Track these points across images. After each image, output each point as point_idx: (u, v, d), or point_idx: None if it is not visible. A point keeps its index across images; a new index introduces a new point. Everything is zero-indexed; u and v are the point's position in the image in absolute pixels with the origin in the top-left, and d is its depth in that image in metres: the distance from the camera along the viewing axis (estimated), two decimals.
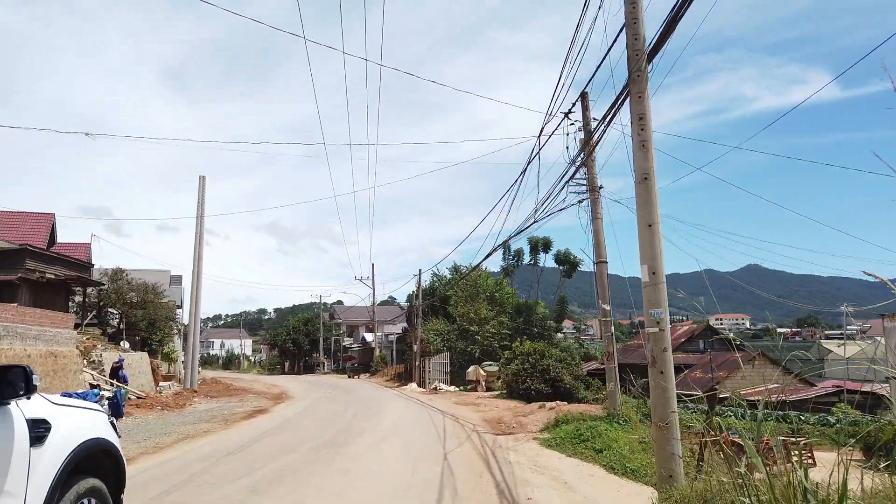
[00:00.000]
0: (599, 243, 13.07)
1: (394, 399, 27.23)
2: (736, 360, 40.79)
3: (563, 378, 25.23)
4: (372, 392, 33.67)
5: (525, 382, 25.23)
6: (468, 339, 38.56)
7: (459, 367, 37.88)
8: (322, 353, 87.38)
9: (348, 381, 53.84)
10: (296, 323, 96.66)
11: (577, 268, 41.07)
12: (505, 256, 41.82)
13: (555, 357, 26.20)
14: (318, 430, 15.10)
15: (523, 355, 26.42)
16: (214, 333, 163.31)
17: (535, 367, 25.57)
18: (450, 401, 25.09)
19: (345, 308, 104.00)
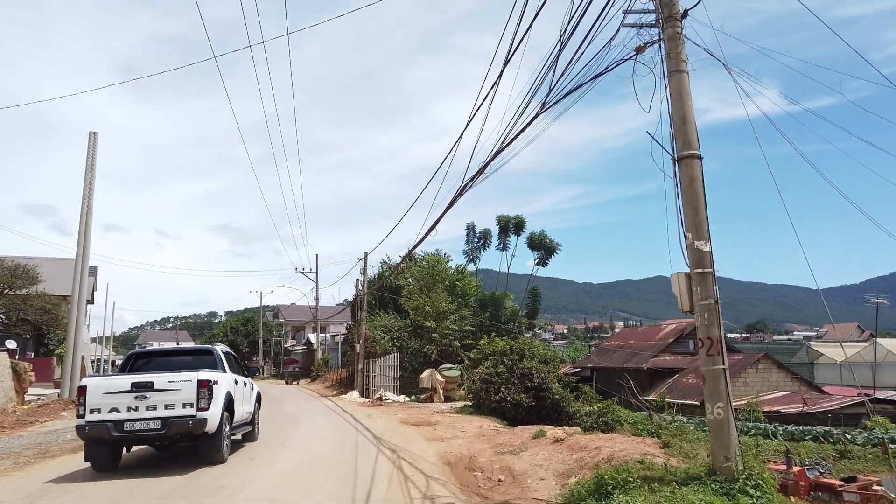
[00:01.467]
0: (685, 117, 6.39)
1: (320, 416, 20.10)
2: (736, 362, 34.94)
3: (551, 386, 18.57)
4: (300, 404, 26.44)
5: (499, 392, 18.46)
6: (423, 338, 31.69)
7: (412, 371, 30.93)
8: (261, 357, 79.15)
9: (283, 388, 46.49)
10: (233, 323, 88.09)
11: (553, 254, 34.71)
12: (469, 238, 35.15)
13: (539, 357, 19.53)
14: (147, 487, 7.95)
15: (496, 355, 19.67)
16: (152, 336, 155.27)
17: (512, 370, 18.85)
18: (395, 418, 18.12)
19: (291, 307, 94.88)
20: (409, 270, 35.55)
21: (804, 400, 27.19)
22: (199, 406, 9.48)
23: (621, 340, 45.82)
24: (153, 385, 9.45)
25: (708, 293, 6.36)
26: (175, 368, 10.51)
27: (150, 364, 11.13)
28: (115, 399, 9.34)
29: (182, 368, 10.42)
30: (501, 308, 34.63)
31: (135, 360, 11.25)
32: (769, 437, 21.21)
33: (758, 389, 33.36)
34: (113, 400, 9.33)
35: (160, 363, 11.16)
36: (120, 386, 9.44)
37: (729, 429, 6.32)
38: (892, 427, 25.44)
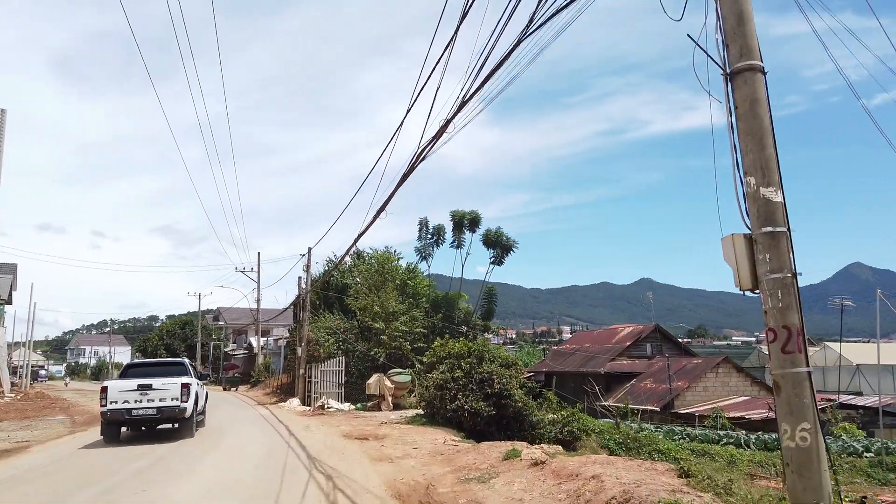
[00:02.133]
0: (741, 14, 4.43)
1: (251, 427, 17.56)
2: (696, 366, 33.83)
3: (513, 392, 16.57)
4: (231, 413, 23.74)
5: (455, 399, 16.34)
6: (371, 340, 29.33)
7: (358, 376, 28.53)
8: (200, 361, 74.96)
9: (220, 395, 43.25)
10: (170, 326, 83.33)
11: (509, 252, 32.84)
12: (421, 235, 32.94)
13: (500, 360, 17.51)
14: None
15: (452, 359, 17.55)
16: (85, 340, 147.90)
17: (470, 375, 16.76)
18: (337, 430, 15.77)
19: (232, 310, 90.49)
20: (357, 269, 33.17)
21: (769, 405, 26.20)
22: (181, 400, 14.10)
23: (577, 344, 44.48)
24: (152, 386, 13.99)
25: (781, 263, 4.43)
26: (158, 375, 14.65)
27: (140, 371, 15.31)
28: (127, 395, 13.82)
29: (164, 375, 14.64)
30: (455, 309, 32.58)
31: (128, 368, 15.76)
32: (742, 447, 19.87)
33: (718, 394, 32.32)
34: (125, 395, 13.81)
35: (147, 371, 15.31)
36: (130, 386, 13.93)
37: (820, 462, 4.36)
38: (859, 434, 24.59)
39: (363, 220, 15.26)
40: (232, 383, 50.79)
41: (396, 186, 11.15)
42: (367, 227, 15.02)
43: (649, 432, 19.87)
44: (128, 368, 15.65)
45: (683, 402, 31.10)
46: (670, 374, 31.58)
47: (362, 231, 14.58)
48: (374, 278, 30.90)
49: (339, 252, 42.79)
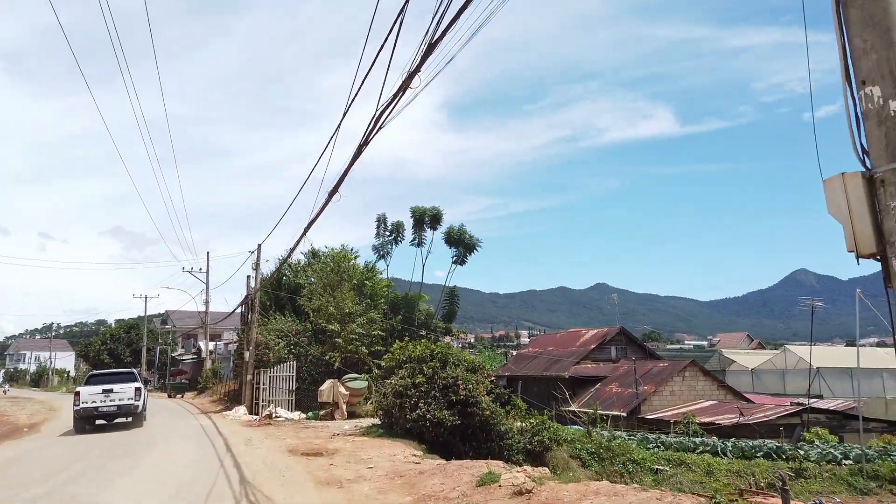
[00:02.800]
0: None
1: (184, 441, 15.56)
2: (662, 370, 32.91)
3: (480, 400, 15.03)
4: (169, 423, 21.59)
5: (416, 408, 14.69)
6: (325, 343, 27.43)
7: (311, 382, 26.60)
8: (145, 367, 71.37)
9: (163, 402, 40.59)
10: (115, 330, 79.38)
11: (472, 251, 31.32)
12: (379, 232, 31.13)
13: (465, 364, 15.95)
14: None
15: (413, 363, 15.91)
16: (27, 345, 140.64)
17: (432, 381, 15.15)
18: (282, 444, 13.93)
19: (180, 313, 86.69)
20: (312, 268, 31.21)
21: (740, 410, 25.39)
22: (135, 399, 19.10)
23: (540, 347, 43.32)
24: (113, 390, 18.88)
25: None
26: (116, 382, 19.45)
27: (101, 379, 20.02)
28: (94, 396, 18.65)
29: (120, 382, 19.49)
30: (415, 310, 30.89)
31: (91, 376, 21.19)
32: (719, 455, 18.80)
33: (685, 398, 31.46)
34: (93, 397, 18.63)
35: (107, 378, 20.01)
36: (97, 391, 18.77)
37: None
38: (832, 439, 23.89)
39: (317, 208, 13.54)
40: (178, 390, 47.90)
41: (352, 159, 9.51)
42: (320, 210, 13.31)
43: (622, 441, 18.62)
44: (91, 377, 21.00)
45: (650, 407, 30.11)
46: (637, 378, 30.55)
47: (315, 216, 12.88)
48: (330, 277, 29.02)
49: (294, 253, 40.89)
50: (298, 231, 32.62)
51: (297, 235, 26.06)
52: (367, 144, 9.44)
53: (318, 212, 12.96)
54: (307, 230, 14.33)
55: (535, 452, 16.55)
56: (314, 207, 13.48)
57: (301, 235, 15.90)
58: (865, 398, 38.43)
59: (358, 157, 9.84)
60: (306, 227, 14.19)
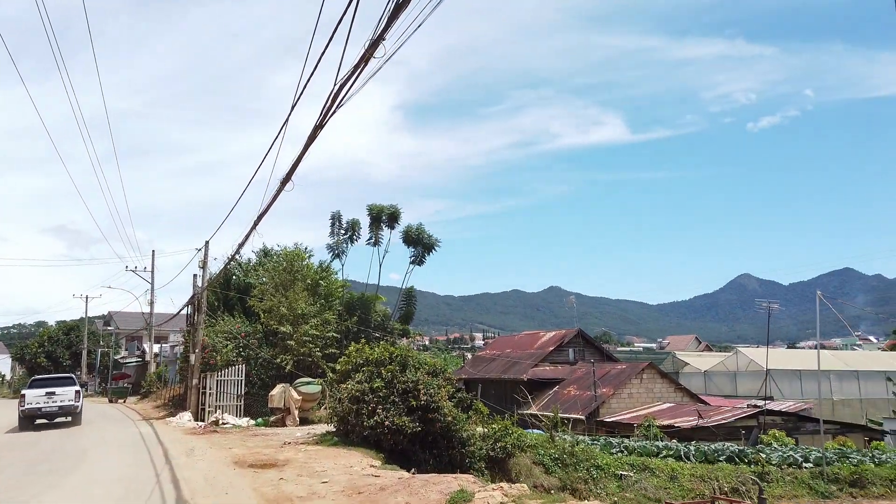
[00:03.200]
0: None
1: (122, 451, 14.29)
2: (620, 372, 32.75)
3: (442, 405, 14.25)
4: (105, 431, 20.11)
5: (374, 414, 13.81)
6: (277, 346, 26.22)
7: (261, 386, 25.39)
8: (86, 370, 68.12)
9: (102, 408, 38.44)
10: (53, 332, 75.33)
11: (431, 251, 30.50)
12: (334, 230, 29.91)
13: (425, 368, 15.14)
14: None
15: (371, 366, 15.03)
16: None
17: (391, 385, 14.30)
18: (228, 454, 12.86)
19: (125, 314, 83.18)
20: (263, 267, 29.91)
21: (699, 413, 25.28)
22: (75, 400, 21.63)
23: (497, 350, 42.84)
24: (55, 392, 21.27)
25: None
26: (57, 385, 22.12)
27: (43, 383, 22.42)
28: (38, 399, 20.97)
29: (61, 385, 22.17)
30: (371, 312, 29.91)
31: (34, 380, 22.99)
32: (682, 459, 18.50)
33: (643, 401, 31.38)
34: (37, 399, 20.95)
35: (49, 382, 22.55)
36: (40, 393, 21.08)
37: None
38: (789, 441, 24.00)
39: (268, 199, 12.54)
40: (119, 395, 45.49)
41: (308, 141, 8.62)
42: (272, 199, 12.32)
43: (586, 446, 18.12)
44: (33, 381, 22.86)
45: (609, 410, 29.90)
46: (595, 381, 30.31)
47: (266, 207, 11.88)
48: (282, 277, 27.81)
49: (245, 252, 39.58)
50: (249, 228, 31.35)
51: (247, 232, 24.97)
52: (324, 127, 8.56)
53: (270, 202, 11.98)
54: (258, 222, 13.31)
55: (498, 459, 15.89)
56: (264, 200, 12.50)
57: (252, 227, 14.84)
58: (813, 399, 39.30)
59: (314, 139, 8.95)
60: (257, 218, 13.17)
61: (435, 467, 14.39)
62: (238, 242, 14.66)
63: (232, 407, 23.98)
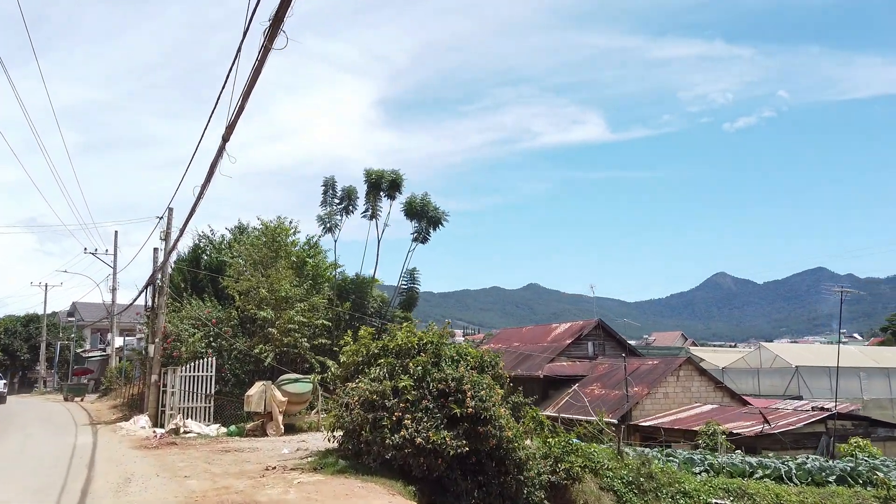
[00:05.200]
0: None
1: (37, 476, 9.69)
2: (653, 368, 28.47)
3: (495, 413, 9.86)
4: (34, 441, 15.42)
5: (401, 427, 9.40)
6: (255, 335, 21.65)
7: (236, 384, 20.83)
8: (44, 365, 62.55)
9: (52, 406, 33.52)
10: (9, 323, 69.25)
11: (437, 226, 26.01)
12: (326, 199, 25.27)
13: (469, 361, 10.75)
14: None
15: (392, 356, 10.60)
16: None
17: (423, 385, 9.90)
18: (180, 489, 8.35)
19: (90, 305, 77.02)
20: (240, 243, 25.23)
21: (764, 417, 21.28)
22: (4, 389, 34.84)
23: (503, 343, 38.50)
24: None
25: None
26: None
27: None
28: None
29: None
30: (367, 297, 25.43)
31: None
32: (784, 480, 14.40)
33: (680, 402, 27.28)
34: None
35: None
36: None
37: None
38: (876, 451, 20.09)
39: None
40: (76, 392, 40.38)
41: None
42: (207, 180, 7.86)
43: (663, 464, 13.91)
44: None
45: (643, 412, 25.77)
46: (627, 378, 26.14)
47: (231, 121, 7.39)
48: (262, 253, 23.20)
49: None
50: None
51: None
52: None
53: (235, 115, 7.48)
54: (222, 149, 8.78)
55: (559, 486, 11.59)
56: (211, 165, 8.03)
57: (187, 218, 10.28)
58: (849, 399, 35.48)
59: None
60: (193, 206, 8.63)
61: (482, 501, 10.05)
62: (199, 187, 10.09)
63: (199, 409, 19.37)
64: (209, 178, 9.53)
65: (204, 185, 9.89)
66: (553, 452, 11.60)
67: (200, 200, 10.58)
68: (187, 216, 12.12)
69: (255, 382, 17.50)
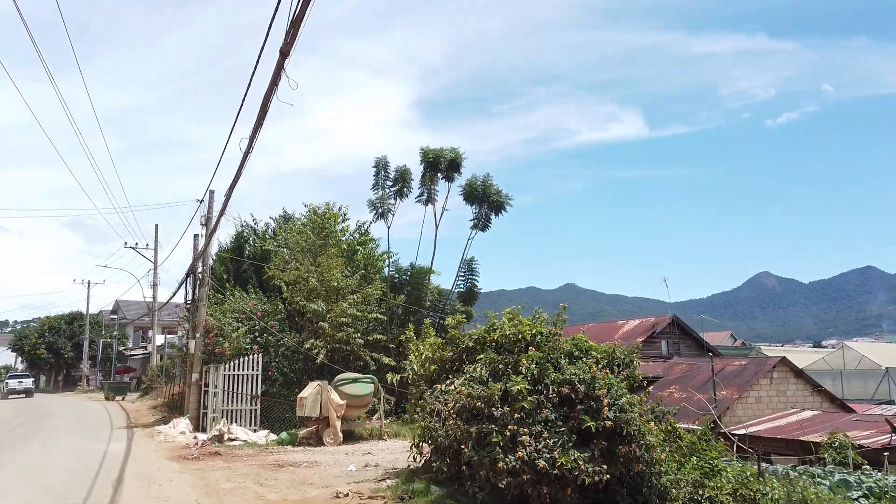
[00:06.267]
0: None
1: (37, 495, 7.53)
2: (742, 370, 25.27)
3: (641, 429, 7.36)
4: (59, 446, 13.51)
5: (517, 446, 6.99)
6: (304, 330, 19.53)
7: (284, 384, 18.72)
8: (87, 363, 62.11)
9: (93, 406, 32.26)
10: (54, 321, 69.10)
11: (500, 212, 23.46)
12: (378, 182, 22.92)
13: (596, 356, 8.26)
14: None
15: (493, 351, 8.19)
16: None
17: (540, 388, 7.47)
18: None
19: (133, 303, 76.59)
20: (286, 230, 23.18)
21: (892, 426, 18.27)
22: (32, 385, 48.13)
23: None
24: (22, 381, 46.13)
25: None
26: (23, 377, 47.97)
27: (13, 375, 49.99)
28: (13, 384, 45.38)
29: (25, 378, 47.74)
30: (424, 289, 23.11)
31: (10, 375, 49.81)
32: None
33: (774, 407, 24.24)
34: (12, 384, 45.37)
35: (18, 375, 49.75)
36: (14, 381, 45.98)
37: None
38: None
39: None
40: (117, 391, 39.17)
41: None
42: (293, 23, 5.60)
43: (816, 489, 11.22)
44: (10, 374, 46.36)
45: (734, 419, 22.76)
46: (715, 380, 23.25)
47: None
48: (311, 240, 21.09)
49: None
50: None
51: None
52: None
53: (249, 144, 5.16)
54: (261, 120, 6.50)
55: None
56: None
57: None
58: None
59: None
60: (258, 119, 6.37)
61: None
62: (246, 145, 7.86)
63: (244, 412, 17.32)
64: (262, 116, 7.26)
65: (256, 128, 7.64)
66: (689, 475, 9.02)
67: (250, 152, 8.34)
68: (235, 175, 9.93)
69: (309, 383, 15.30)
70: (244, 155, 8.74)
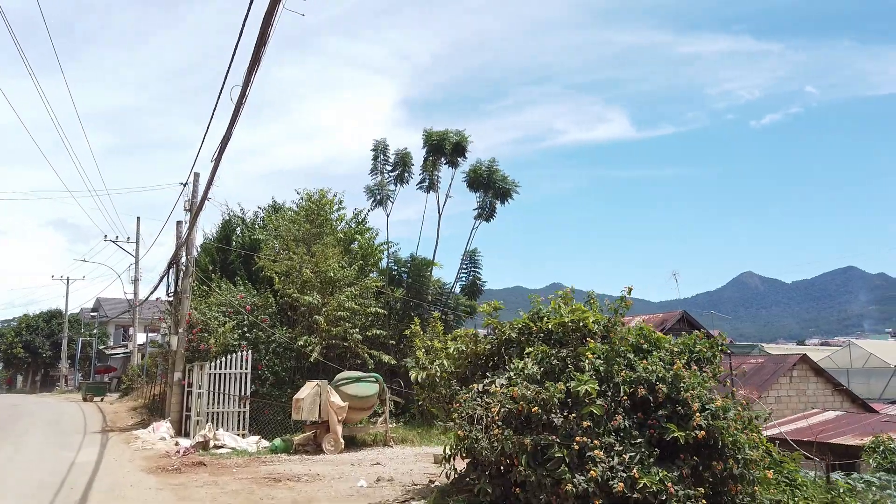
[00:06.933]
0: None
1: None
2: (761, 368, 23.75)
3: (736, 439, 5.87)
4: (23, 455, 11.80)
5: (586, 463, 5.49)
6: (297, 325, 17.88)
7: (275, 383, 17.07)
8: (66, 362, 59.78)
9: (67, 408, 30.27)
10: (32, 320, 66.56)
11: (506, 199, 21.91)
12: (377, 166, 21.26)
13: (671, 349, 6.77)
14: None
15: (545, 344, 6.67)
16: None
17: (608, 388, 5.96)
18: None
19: (115, 301, 73.91)
20: (278, 217, 21.51)
21: None
22: None
23: None
24: None
25: None
26: None
27: None
28: None
29: None
30: (426, 281, 21.55)
31: None
32: None
33: (794, 407, 22.98)
34: None
35: None
36: None
37: None
38: None
39: None
40: (96, 391, 37.12)
41: None
42: None
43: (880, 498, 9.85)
44: None
45: None
46: (733, 379, 21.91)
47: None
48: (304, 229, 19.44)
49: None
50: None
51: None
52: None
53: None
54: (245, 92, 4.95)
55: None
56: None
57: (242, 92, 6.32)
58: None
59: None
60: None
61: None
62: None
63: (232, 415, 15.67)
64: (261, 46, 5.66)
65: (252, 67, 6.04)
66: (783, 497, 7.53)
67: (244, 101, 6.73)
68: (225, 132, 8.30)
69: (307, 382, 13.68)
70: (236, 105, 7.13)
